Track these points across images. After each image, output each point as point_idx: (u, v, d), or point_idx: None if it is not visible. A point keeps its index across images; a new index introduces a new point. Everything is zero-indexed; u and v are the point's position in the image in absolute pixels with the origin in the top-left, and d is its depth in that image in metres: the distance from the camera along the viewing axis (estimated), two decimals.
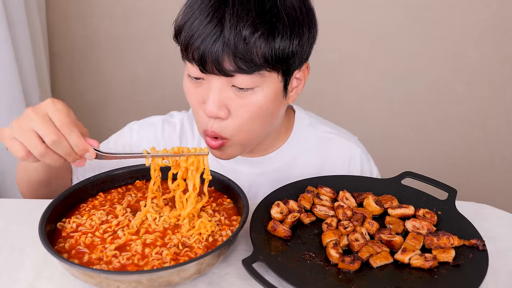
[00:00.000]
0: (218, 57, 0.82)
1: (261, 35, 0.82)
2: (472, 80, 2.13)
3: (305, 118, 1.12)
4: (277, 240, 0.80)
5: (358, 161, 1.12)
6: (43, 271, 0.77)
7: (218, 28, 0.82)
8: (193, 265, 0.69)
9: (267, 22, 0.83)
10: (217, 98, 0.87)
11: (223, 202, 0.88)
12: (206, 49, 0.82)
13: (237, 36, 0.81)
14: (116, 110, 2.24)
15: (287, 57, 0.87)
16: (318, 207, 0.88)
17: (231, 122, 0.90)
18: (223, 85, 0.87)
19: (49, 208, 0.80)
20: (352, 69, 2.14)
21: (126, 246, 0.77)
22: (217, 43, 0.82)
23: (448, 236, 0.79)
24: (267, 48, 0.83)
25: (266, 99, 0.89)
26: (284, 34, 0.84)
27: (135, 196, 0.90)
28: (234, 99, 0.88)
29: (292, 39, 0.86)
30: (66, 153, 0.76)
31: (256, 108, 0.89)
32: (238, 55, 0.82)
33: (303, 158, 1.09)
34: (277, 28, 0.84)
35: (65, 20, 2.07)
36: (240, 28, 0.81)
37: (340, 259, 0.75)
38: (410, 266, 0.76)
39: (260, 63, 0.84)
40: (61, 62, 2.16)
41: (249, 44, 0.82)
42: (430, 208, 0.88)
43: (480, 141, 2.24)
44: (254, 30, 0.81)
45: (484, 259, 0.76)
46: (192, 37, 0.84)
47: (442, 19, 2.03)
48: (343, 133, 1.15)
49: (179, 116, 1.14)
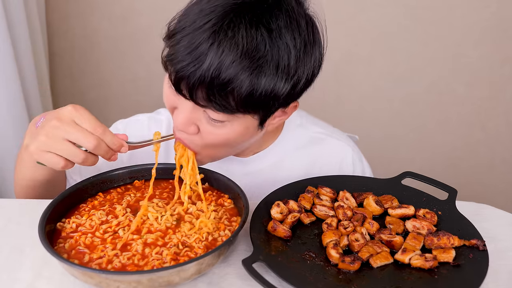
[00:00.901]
0: (192, 88, 0.77)
1: (243, 79, 0.75)
2: (472, 81, 2.13)
3: (296, 119, 1.10)
4: (277, 240, 0.80)
5: (350, 162, 1.11)
6: (43, 271, 0.77)
7: (201, 60, 0.75)
8: (193, 265, 0.69)
9: (254, 63, 0.75)
10: (186, 116, 0.83)
11: (223, 203, 0.88)
12: (182, 77, 0.77)
13: (215, 75, 0.75)
14: (117, 109, 2.24)
15: (270, 102, 0.80)
16: (318, 207, 0.88)
17: (199, 138, 0.86)
18: (195, 107, 0.82)
19: (48, 208, 0.80)
20: (353, 68, 2.14)
21: (127, 246, 0.77)
22: (194, 76, 0.76)
23: (448, 236, 0.79)
24: (246, 96, 0.77)
25: (235, 133, 0.85)
26: (269, 82, 0.77)
27: (134, 196, 0.90)
28: (204, 122, 0.84)
29: (279, 86, 0.79)
30: (105, 152, 0.79)
31: (224, 139, 0.85)
32: (211, 94, 0.77)
33: (292, 158, 1.08)
34: (264, 72, 0.76)
35: (65, 20, 2.07)
36: (221, 71, 0.75)
37: (340, 259, 0.75)
38: (410, 266, 0.76)
39: (234, 108, 0.79)
40: (61, 62, 2.16)
41: (225, 89, 0.76)
42: (430, 208, 0.88)
43: (480, 142, 2.24)
44: (237, 73, 0.75)
45: (485, 259, 0.76)
46: (173, 58, 0.78)
47: (442, 19, 2.03)
48: (334, 133, 1.14)
49: (166, 113, 1.13)
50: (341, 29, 2.04)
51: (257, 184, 1.05)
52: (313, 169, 1.09)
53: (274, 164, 1.08)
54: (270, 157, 1.07)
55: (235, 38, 0.75)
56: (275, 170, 1.08)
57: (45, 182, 0.96)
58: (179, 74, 0.77)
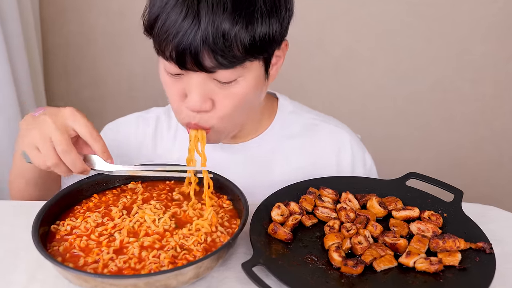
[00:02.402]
0: (197, 55, 0.80)
1: (240, 28, 0.80)
2: (477, 78, 2.13)
3: (288, 106, 1.11)
4: (277, 243, 0.80)
5: (349, 147, 1.09)
6: (37, 274, 0.77)
7: (195, 23, 0.79)
8: (191, 269, 0.69)
9: (245, 12, 0.80)
10: (200, 92, 0.86)
11: (222, 204, 0.88)
12: (184, 48, 0.79)
13: (215, 32, 0.78)
14: (113, 107, 2.23)
15: (268, 42, 0.85)
16: (320, 209, 0.88)
17: (214, 113, 0.89)
18: (205, 79, 0.85)
19: (42, 210, 0.80)
20: (354, 65, 2.14)
21: (123, 249, 0.77)
22: (195, 41, 0.79)
23: (454, 239, 0.79)
24: (248, 39, 0.81)
25: (250, 87, 0.88)
26: (263, 21, 0.82)
27: (130, 198, 0.89)
28: (217, 91, 0.87)
29: (271, 23, 0.84)
30: (71, 165, 0.81)
31: (241, 97, 0.88)
32: (218, 52, 0.80)
33: (286, 145, 1.08)
34: (255, 16, 0.81)
35: (60, 16, 2.07)
36: (217, 23, 0.78)
37: (343, 262, 0.75)
38: (415, 270, 0.75)
39: (242, 57, 0.82)
40: (56, 59, 2.16)
41: (229, 40, 0.79)
42: (435, 210, 0.88)
43: (487, 140, 2.24)
44: (233, 23, 0.79)
45: (491, 262, 0.76)
46: (168, 35, 0.80)
47: (446, 16, 2.03)
48: (331, 120, 1.13)
49: (156, 111, 1.14)
50: (341, 24, 2.03)
51: (250, 174, 1.05)
52: (309, 157, 1.08)
53: (269, 151, 1.07)
54: (264, 144, 1.07)
55: None
56: (269, 157, 1.07)
57: (34, 180, 0.96)
58: (181, 45, 0.79)
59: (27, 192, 1.00)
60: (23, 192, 1.00)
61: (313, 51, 2.11)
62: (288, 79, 2.12)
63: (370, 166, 1.12)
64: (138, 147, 1.11)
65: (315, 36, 2.05)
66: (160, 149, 1.11)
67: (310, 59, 2.09)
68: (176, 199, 0.89)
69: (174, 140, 1.10)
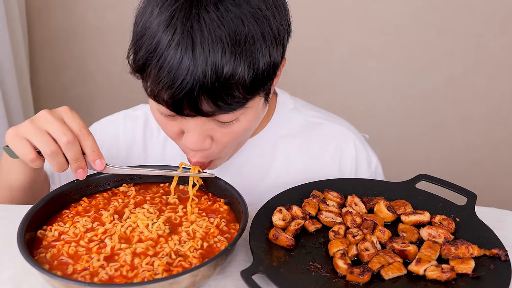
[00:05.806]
0: (195, 102, 0.77)
1: (242, 67, 0.76)
2: (494, 74, 2.13)
3: (289, 102, 1.11)
4: (279, 250, 0.80)
5: (352, 147, 1.10)
6: (23, 283, 0.77)
7: (192, 68, 0.74)
8: (187, 277, 0.70)
9: (245, 48, 0.76)
10: (198, 132, 0.85)
11: (219, 208, 0.89)
12: (182, 96, 0.76)
13: (214, 75, 0.75)
14: (103, 105, 2.24)
15: (271, 72, 0.82)
16: (324, 213, 0.88)
17: (215, 148, 0.89)
18: (203, 121, 0.83)
19: (28, 215, 0.80)
20: (363, 62, 2.14)
21: (114, 256, 0.77)
22: (192, 87, 0.75)
23: (467, 245, 0.79)
24: (250, 77, 0.78)
25: (251, 120, 0.88)
26: (265, 52, 0.79)
27: (122, 202, 0.90)
28: (217, 129, 0.86)
29: (272, 52, 0.81)
30: (74, 157, 0.82)
31: (241, 132, 0.88)
32: (218, 97, 0.77)
33: (285, 145, 1.08)
34: (256, 49, 0.78)
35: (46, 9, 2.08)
36: (217, 66, 0.75)
37: (349, 270, 0.75)
38: (426, 278, 0.76)
39: (243, 98, 0.80)
40: (42, 54, 2.16)
41: (230, 81, 0.76)
42: (447, 214, 0.89)
43: (503, 141, 2.24)
44: (234, 63, 0.75)
45: (507, 270, 0.76)
46: (160, 81, 0.77)
47: (460, 7, 2.03)
48: (334, 118, 1.13)
49: (144, 108, 1.14)
50: (349, 20, 2.04)
51: (247, 175, 1.06)
52: (310, 158, 1.09)
53: (267, 151, 1.08)
54: (261, 143, 1.08)
55: (210, 29, 0.75)
56: (267, 157, 1.08)
57: (22, 189, 0.96)
58: (179, 95, 0.76)
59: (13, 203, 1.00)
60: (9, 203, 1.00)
61: (321, 49, 2.11)
62: (295, 77, 2.13)
63: (375, 167, 1.13)
64: (128, 146, 1.12)
65: (323, 33, 2.05)
66: (151, 147, 1.11)
67: (318, 57, 2.10)
68: (171, 203, 0.90)
69: (165, 137, 1.10)
